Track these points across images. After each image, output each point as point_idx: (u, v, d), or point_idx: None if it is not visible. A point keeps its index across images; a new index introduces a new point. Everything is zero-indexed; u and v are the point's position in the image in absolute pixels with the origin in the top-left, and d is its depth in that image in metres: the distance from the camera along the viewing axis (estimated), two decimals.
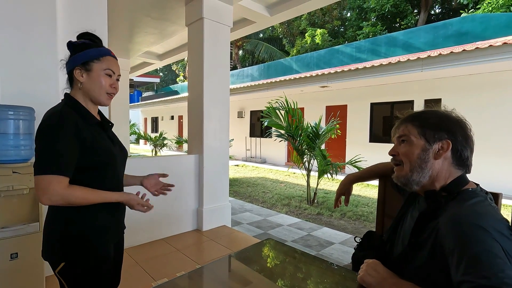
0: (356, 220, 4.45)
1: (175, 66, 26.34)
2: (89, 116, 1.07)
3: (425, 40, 8.33)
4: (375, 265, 0.84)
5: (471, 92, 6.56)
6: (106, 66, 1.07)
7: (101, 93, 1.07)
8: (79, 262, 1.02)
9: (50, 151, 0.94)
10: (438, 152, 0.84)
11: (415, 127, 0.88)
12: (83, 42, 1.07)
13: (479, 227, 0.69)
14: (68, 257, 1.01)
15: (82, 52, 1.05)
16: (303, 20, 17.76)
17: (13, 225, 1.79)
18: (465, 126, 0.86)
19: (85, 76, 1.05)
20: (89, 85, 1.06)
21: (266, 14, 4.08)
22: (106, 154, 1.06)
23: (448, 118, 0.87)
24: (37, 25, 2.18)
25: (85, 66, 1.04)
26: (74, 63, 1.05)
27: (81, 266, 1.02)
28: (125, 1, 3.68)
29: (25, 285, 1.84)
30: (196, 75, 3.49)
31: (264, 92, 10.08)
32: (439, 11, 16.65)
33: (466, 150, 0.84)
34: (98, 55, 1.06)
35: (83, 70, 1.05)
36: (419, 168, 0.86)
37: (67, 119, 0.97)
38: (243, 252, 1.30)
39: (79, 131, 0.98)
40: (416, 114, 0.91)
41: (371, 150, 8.15)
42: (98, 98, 1.08)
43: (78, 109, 1.05)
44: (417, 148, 0.86)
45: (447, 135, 0.84)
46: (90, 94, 1.07)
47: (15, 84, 2.11)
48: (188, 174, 3.41)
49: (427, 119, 0.87)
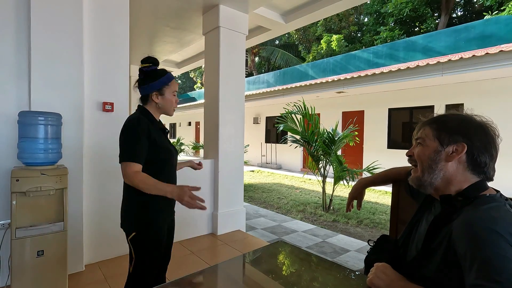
0: (373, 228, 4.34)
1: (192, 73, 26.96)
2: (156, 123, 1.45)
3: (446, 44, 8.10)
4: (384, 268, 0.84)
5: (496, 96, 6.29)
6: (173, 89, 1.46)
7: (171, 109, 1.48)
8: (144, 233, 1.36)
9: (129, 145, 1.30)
10: (451, 154, 0.83)
11: (432, 130, 0.88)
12: (152, 69, 1.42)
13: (493, 231, 0.68)
14: (138, 228, 1.36)
15: (157, 81, 1.41)
16: (319, 26, 17.74)
17: (40, 224, 1.90)
18: (487, 131, 0.83)
19: (160, 98, 1.43)
20: (163, 104, 1.45)
21: (281, 21, 4.14)
22: (166, 152, 1.42)
23: (469, 122, 0.84)
24: (65, 37, 2.34)
25: (160, 91, 1.42)
26: (151, 89, 1.42)
27: (145, 237, 1.36)
28: (146, 13, 3.86)
29: (49, 281, 1.94)
30: (212, 82, 3.58)
31: (279, 98, 10.11)
32: (460, 13, 16.14)
33: (483, 155, 0.81)
34: (168, 81, 1.44)
35: (158, 94, 1.43)
36: (429, 169, 0.86)
37: (143, 123, 1.34)
38: (255, 253, 1.32)
39: (149, 133, 1.34)
40: (436, 117, 0.91)
41: (389, 157, 7.95)
42: (168, 112, 1.49)
43: (149, 118, 1.42)
44: (429, 150, 0.87)
45: (463, 139, 0.82)
46: (163, 110, 1.47)
47: (45, 91, 2.26)
48: (204, 179, 3.48)
49: (445, 122, 0.87)
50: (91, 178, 2.57)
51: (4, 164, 2.14)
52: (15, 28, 2.20)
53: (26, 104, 2.23)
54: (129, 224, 1.39)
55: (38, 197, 1.91)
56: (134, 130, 1.31)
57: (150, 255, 1.38)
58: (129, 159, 1.28)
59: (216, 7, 3.46)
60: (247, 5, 3.50)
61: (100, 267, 2.56)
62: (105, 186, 2.64)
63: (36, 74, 2.22)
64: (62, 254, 1.97)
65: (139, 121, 1.34)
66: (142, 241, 1.36)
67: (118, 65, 2.70)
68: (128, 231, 1.38)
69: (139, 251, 1.37)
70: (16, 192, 1.82)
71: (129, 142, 1.30)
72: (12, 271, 1.83)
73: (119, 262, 2.65)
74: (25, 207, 1.87)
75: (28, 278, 1.86)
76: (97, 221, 2.62)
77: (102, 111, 2.61)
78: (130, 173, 1.27)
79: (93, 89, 2.56)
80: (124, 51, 2.73)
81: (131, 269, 1.39)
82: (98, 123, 2.60)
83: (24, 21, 2.22)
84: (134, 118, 1.36)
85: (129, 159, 1.28)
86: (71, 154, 2.35)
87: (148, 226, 1.37)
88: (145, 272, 1.38)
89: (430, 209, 0.97)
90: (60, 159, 2.13)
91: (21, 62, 2.23)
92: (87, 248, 2.56)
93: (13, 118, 2.11)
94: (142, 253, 1.37)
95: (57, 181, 1.95)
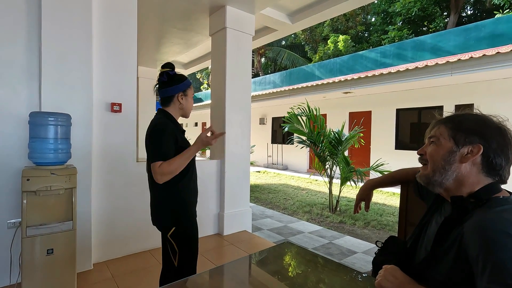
0: (380, 230, 4.29)
1: (199, 74, 27.10)
2: (178, 125, 1.57)
3: (455, 43, 7.96)
4: (393, 270, 0.83)
5: (507, 96, 6.16)
6: (193, 92, 1.62)
7: (190, 110, 1.63)
8: (183, 227, 1.49)
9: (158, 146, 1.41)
10: (466, 155, 0.80)
11: (447, 129, 0.85)
12: (179, 74, 1.56)
13: (506, 233, 0.67)
14: (176, 223, 1.48)
15: (182, 83, 1.55)
16: (326, 27, 17.63)
17: (50, 223, 1.94)
18: (505, 133, 0.80)
19: (184, 99, 1.57)
20: (186, 105, 1.59)
21: (287, 22, 4.14)
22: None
23: (486, 122, 0.81)
24: (75, 39, 2.38)
25: (185, 92, 1.56)
26: (178, 90, 1.54)
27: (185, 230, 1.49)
28: (153, 14, 3.90)
29: (58, 279, 1.97)
30: (219, 82, 3.60)
31: (286, 99, 10.09)
32: (470, 12, 15.87)
33: (499, 158, 0.79)
34: (190, 84, 1.59)
35: (183, 95, 1.56)
36: (442, 169, 0.83)
37: (169, 127, 1.45)
38: (261, 254, 1.32)
39: (175, 135, 1.46)
40: (452, 116, 0.88)
41: (397, 158, 7.86)
42: (188, 113, 1.62)
43: (172, 120, 1.54)
44: (443, 149, 0.84)
45: (479, 140, 0.79)
46: (185, 111, 1.60)
47: (54, 92, 2.30)
48: (210, 179, 3.49)
49: (461, 122, 0.84)
50: (100, 178, 2.60)
51: (15, 163, 2.19)
52: (26, 30, 2.25)
53: (36, 105, 2.28)
54: (166, 221, 1.49)
55: (48, 196, 1.94)
56: (161, 132, 1.42)
57: (191, 246, 1.52)
58: (159, 158, 1.38)
59: (222, 8, 3.47)
60: (254, 6, 3.50)
61: (108, 266, 2.59)
62: (113, 186, 2.67)
63: (46, 76, 2.26)
64: (71, 252, 2.00)
65: (165, 123, 1.46)
66: (182, 234, 1.49)
67: (126, 66, 2.73)
68: (167, 227, 1.48)
69: (181, 244, 1.48)
70: (27, 191, 1.85)
71: (157, 144, 1.41)
72: (22, 269, 1.86)
73: (128, 261, 2.68)
74: (36, 206, 1.90)
75: (38, 276, 1.89)
76: (105, 221, 2.65)
77: (111, 111, 2.64)
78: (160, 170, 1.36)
79: (101, 90, 2.60)
80: (132, 52, 2.76)
81: (176, 263, 1.49)
82: (106, 124, 2.63)
83: (35, 23, 2.27)
84: (162, 122, 1.47)
85: (159, 158, 1.38)
86: (80, 154, 2.39)
87: (186, 220, 1.51)
88: (190, 262, 1.51)
89: (440, 210, 0.95)
90: (69, 159, 2.16)
91: (32, 63, 2.27)
92: (96, 247, 2.60)
93: (24, 118, 2.16)
94: (184, 245, 1.49)
95: (67, 181, 1.98)
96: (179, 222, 1.49)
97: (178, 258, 1.47)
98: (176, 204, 1.49)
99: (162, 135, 1.41)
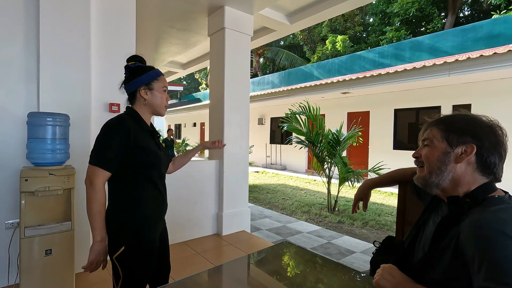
0: (378, 229, 4.31)
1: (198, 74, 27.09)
2: (143, 123, 1.29)
3: (453, 44, 8.01)
4: (390, 269, 0.84)
5: (504, 97, 6.20)
6: (163, 84, 1.32)
7: (161, 106, 1.32)
8: (135, 247, 1.19)
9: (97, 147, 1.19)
10: (460, 156, 0.82)
11: (439, 131, 0.86)
12: (138, 66, 1.29)
13: (502, 233, 0.67)
14: (126, 241, 1.19)
15: (144, 74, 1.27)
16: (324, 27, 17.68)
17: (48, 223, 1.93)
18: (496, 131, 0.82)
19: (149, 94, 1.28)
20: (152, 101, 1.29)
21: (286, 22, 4.14)
22: (152, 155, 1.25)
23: (476, 122, 0.83)
24: (73, 39, 2.37)
25: (148, 86, 1.28)
26: (139, 84, 1.27)
27: (136, 251, 1.20)
28: (152, 15, 3.89)
29: (57, 280, 1.96)
30: (217, 82, 3.60)
31: (284, 99, 10.10)
32: (468, 13, 15.95)
33: (493, 156, 0.80)
34: (156, 76, 1.30)
35: (147, 89, 1.28)
36: (438, 171, 0.85)
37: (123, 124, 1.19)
38: (259, 254, 1.32)
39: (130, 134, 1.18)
40: (443, 118, 0.90)
41: (395, 158, 7.88)
42: (159, 111, 1.33)
43: (136, 118, 1.27)
44: (438, 151, 0.85)
45: (472, 140, 0.81)
46: (153, 108, 1.31)
47: (53, 93, 2.30)
48: (209, 179, 3.49)
49: (453, 123, 0.85)
50: None
51: (14, 164, 2.18)
52: (25, 31, 2.24)
53: (35, 105, 2.27)
54: (115, 239, 1.19)
55: (46, 196, 1.94)
56: (109, 132, 1.18)
57: (141, 271, 1.21)
58: (98, 163, 1.16)
59: (221, 8, 3.48)
60: (252, 6, 3.51)
61: None
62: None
63: (44, 76, 2.26)
64: (69, 253, 2.00)
65: (121, 120, 1.20)
66: (132, 256, 1.19)
67: None
68: (113, 246, 1.19)
69: (128, 269, 1.19)
70: (25, 192, 1.85)
71: (101, 145, 1.18)
72: (20, 269, 1.86)
73: None
74: (34, 206, 1.90)
75: (36, 276, 1.88)
76: None
77: (109, 112, 2.64)
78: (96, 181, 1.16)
79: (100, 90, 2.60)
80: (131, 52, 2.73)
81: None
82: None
83: (33, 24, 2.26)
84: (114, 118, 1.22)
85: (98, 163, 1.16)
86: (79, 155, 2.38)
87: (139, 237, 1.20)
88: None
89: (437, 210, 0.96)
90: (67, 159, 2.16)
91: (30, 64, 2.27)
92: None
93: (22, 119, 2.15)
94: (131, 270, 1.19)
95: (65, 181, 1.97)
96: (131, 239, 1.19)
97: (122, 284, 1.19)
98: (128, 215, 1.21)
99: (108, 135, 1.17)
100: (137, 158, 1.21)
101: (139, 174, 1.23)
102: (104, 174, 1.18)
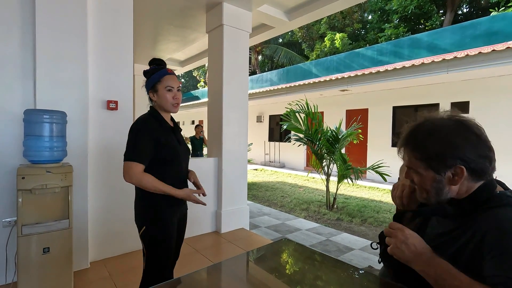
0: (377, 227, 4.32)
1: (196, 72, 26.97)
2: (163, 122, 1.47)
3: (451, 41, 8.00)
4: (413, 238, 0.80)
5: (502, 94, 6.20)
6: (166, 85, 1.45)
7: (168, 105, 1.46)
8: (152, 228, 1.40)
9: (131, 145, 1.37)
10: (453, 178, 0.79)
11: (418, 161, 0.83)
12: (149, 70, 1.48)
13: None
14: (146, 223, 1.40)
15: (149, 79, 1.46)
16: (323, 24, 17.62)
17: (46, 221, 1.92)
18: (471, 138, 0.78)
19: (156, 95, 1.46)
20: (159, 101, 1.46)
21: (284, 19, 4.12)
22: (171, 150, 1.44)
23: (449, 138, 0.79)
24: (70, 36, 2.35)
25: (153, 88, 1.46)
26: (147, 88, 1.48)
27: (153, 232, 1.40)
28: (150, 11, 3.86)
29: (55, 277, 1.96)
30: (216, 80, 3.58)
31: (283, 97, 10.08)
32: (466, 10, 15.93)
33: (482, 164, 0.78)
34: (159, 77, 1.44)
35: (153, 92, 1.46)
36: (436, 196, 0.83)
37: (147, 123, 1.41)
38: (259, 251, 1.32)
39: (153, 132, 1.39)
40: (408, 139, 0.87)
41: (393, 155, 7.83)
42: (168, 109, 1.48)
43: (156, 118, 1.46)
44: (428, 179, 0.82)
45: (456, 161, 0.77)
46: (162, 107, 1.47)
47: (50, 90, 2.28)
48: (208, 177, 3.49)
49: (425, 148, 0.81)
50: (96, 176, 2.59)
51: (10, 161, 2.16)
52: (21, 28, 2.22)
53: (31, 103, 2.25)
54: (139, 219, 1.44)
55: (44, 194, 1.92)
56: (137, 130, 1.38)
57: (159, 250, 1.41)
58: (131, 159, 1.34)
59: (219, 5, 3.45)
60: (251, 3, 3.48)
61: (105, 264, 2.58)
62: (109, 184, 2.65)
63: (41, 73, 2.23)
64: (67, 251, 1.99)
65: (143, 121, 1.41)
66: (151, 236, 1.40)
67: (122, 64, 2.70)
68: (139, 226, 1.44)
69: (149, 246, 1.41)
70: (22, 190, 1.84)
71: (132, 142, 1.37)
72: (18, 267, 1.85)
73: (124, 260, 2.67)
74: (31, 204, 1.88)
75: (34, 274, 1.87)
76: (102, 219, 2.64)
77: (107, 109, 2.62)
78: (133, 173, 1.33)
79: (97, 88, 2.58)
80: (128, 49, 2.73)
81: (144, 265, 1.43)
82: (102, 121, 2.61)
83: (29, 21, 2.24)
84: (140, 118, 1.43)
85: (131, 159, 1.34)
86: (76, 152, 2.37)
87: (156, 221, 1.41)
88: (156, 267, 1.41)
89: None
90: (65, 157, 2.14)
91: (27, 61, 2.24)
92: (92, 246, 2.58)
93: (19, 116, 2.13)
94: (151, 248, 1.41)
95: (62, 179, 1.96)
96: (150, 222, 1.41)
97: (145, 260, 1.42)
98: (149, 203, 1.42)
99: (137, 133, 1.37)
100: (159, 153, 1.39)
101: (161, 166, 1.41)
102: (137, 165, 1.34)
